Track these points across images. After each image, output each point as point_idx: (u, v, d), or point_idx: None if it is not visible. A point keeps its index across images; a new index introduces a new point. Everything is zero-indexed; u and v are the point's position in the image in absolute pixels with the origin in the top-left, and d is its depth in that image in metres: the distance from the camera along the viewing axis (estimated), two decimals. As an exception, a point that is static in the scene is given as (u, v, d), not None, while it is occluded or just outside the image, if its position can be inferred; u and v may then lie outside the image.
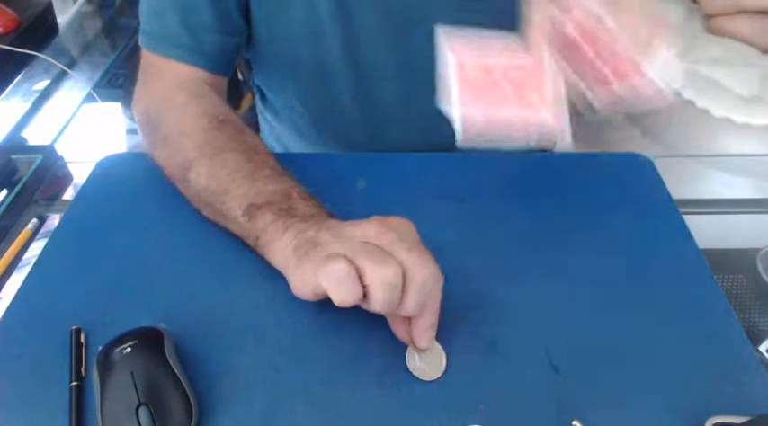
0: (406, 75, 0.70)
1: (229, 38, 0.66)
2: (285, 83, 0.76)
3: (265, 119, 0.88)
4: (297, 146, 0.84)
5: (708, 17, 0.57)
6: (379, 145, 0.78)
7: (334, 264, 0.39)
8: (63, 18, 1.30)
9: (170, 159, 0.58)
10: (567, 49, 0.40)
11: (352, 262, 0.39)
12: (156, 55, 0.64)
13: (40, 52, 1.15)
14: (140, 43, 0.65)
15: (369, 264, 0.39)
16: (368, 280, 0.39)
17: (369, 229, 0.43)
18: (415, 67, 0.69)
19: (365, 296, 0.40)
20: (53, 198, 0.73)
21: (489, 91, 0.38)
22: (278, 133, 0.86)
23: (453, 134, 0.78)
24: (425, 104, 0.74)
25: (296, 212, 0.49)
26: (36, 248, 0.64)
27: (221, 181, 0.52)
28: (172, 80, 0.63)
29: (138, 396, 0.40)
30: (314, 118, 0.78)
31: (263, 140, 0.59)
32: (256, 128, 0.95)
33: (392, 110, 0.74)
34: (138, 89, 0.65)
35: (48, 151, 0.81)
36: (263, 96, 0.86)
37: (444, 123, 0.76)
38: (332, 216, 0.50)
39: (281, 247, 0.47)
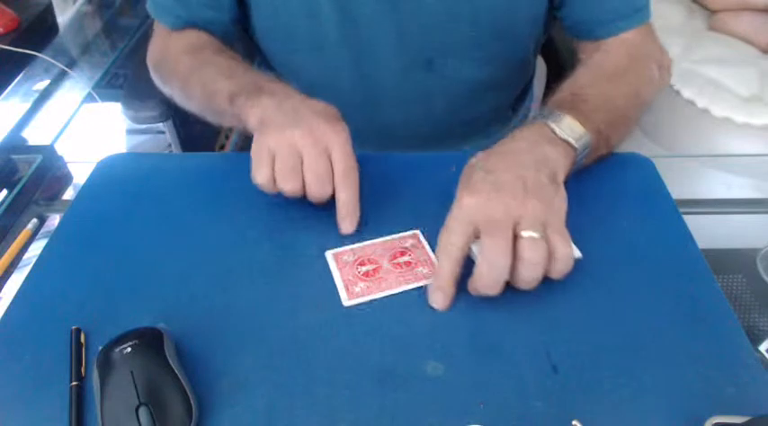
0: (403, 53, 0.71)
1: (221, 13, 0.72)
2: (284, 61, 0.77)
3: None
4: None
5: (711, 13, 0.58)
6: (375, 124, 0.79)
7: (257, 169, 0.54)
8: (63, 18, 1.30)
9: (174, 89, 0.71)
10: None
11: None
12: (157, 20, 0.75)
13: (40, 52, 1.15)
14: (147, 7, 0.75)
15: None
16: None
17: (303, 136, 0.53)
18: (412, 46, 0.70)
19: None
20: (53, 198, 0.73)
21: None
22: None
23: (446, 115, 0.78)
24: (421, 83, 0.74)
25: (264, 91, 0.58)
26: (36, 248, 0.63)
27: (209, 85, 0.64)
28: (168, 36, 0.74)
29: (138, 396, 0.40)
30: (311, 97, 0.79)
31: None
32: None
33: (388, 89, 0.75)
34: (149, 47, 0.77)
35: (48, 151, 0.81)
36: None
37: (438, 102, 0.77)
38: (295, 90, 0.59)
39: (251, 120, 0.57)
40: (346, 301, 0.50)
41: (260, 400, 0.43)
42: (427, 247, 0.54)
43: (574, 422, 0.41)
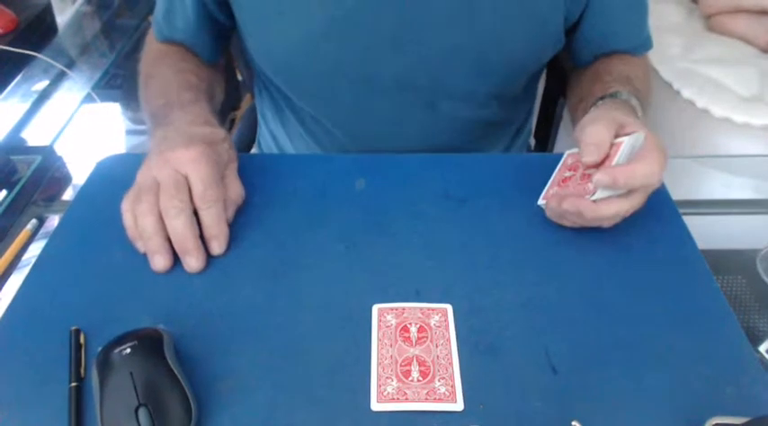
0: (405, 92, 0.69)
1: (199, 43, 0.73)
2: (282, 91, 0.76)
3: (264, 117, 0.88)
4: (290, 146, 0.84)
5: (707, 17, 0.59)
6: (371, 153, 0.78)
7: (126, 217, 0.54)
8: (62, 18, 1.30)
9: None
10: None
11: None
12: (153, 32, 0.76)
13: (39, 52, 1.15)
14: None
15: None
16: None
17: (158, 164, 0.54)
18: (414, 85, 0.69)
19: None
20: (53, 198, 0.73)
21: None
22: (273, 131, 0.86)
23: (445, 150, 0.77)
24: (422, 121, 0.73)
25: (166, 120, 0.59)
26: (36, 248, 0.63)
27: (144, 101, 0.67)
28: (152, 39, 0.76)
29: (137, 397, 0.40)
30: (308, 122, 0.78)
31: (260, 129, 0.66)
32: (255, 128, 0.94)
33: (387, 125, 0.74)
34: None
35: (47, 151, 0.81)
36: (262, 96, 0.86)
37: (438, 139, 0.76)
38: (194, 121, 0.59)
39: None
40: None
41: (259, 401, 0.43)
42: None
43: (574, 423, 0.41)
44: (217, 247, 0.54)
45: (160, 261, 0.52)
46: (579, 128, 0.54)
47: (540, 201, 0.58)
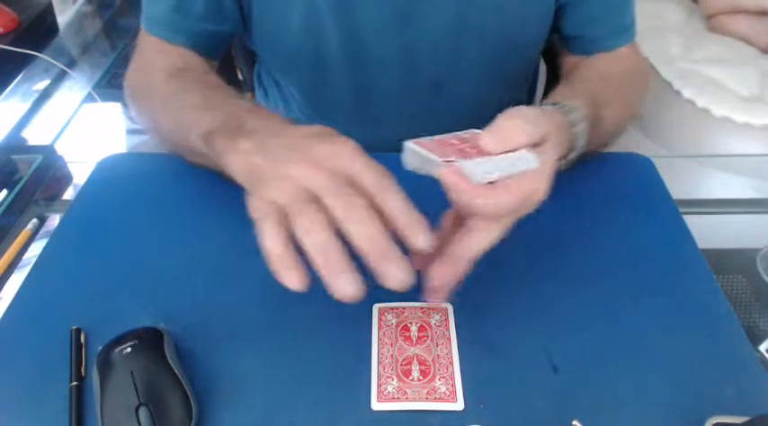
0: (408, 72, 0.70)
1: (220, 26, 0.69)
2: (285, 73, 0.76)
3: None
4: None
5: (707, 17, 0.58)
6: (371, 140, 0.78)
7: (265, 234, 0.40)
8: (63, 18, 1.30)
9: (144, 116, 0.64)
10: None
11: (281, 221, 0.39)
12: (150, 35, 0.68)
13: (40, 52, 1.15)
14: (141, 24, 0.69)
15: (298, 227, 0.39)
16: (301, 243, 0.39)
17: (304, 168, 0.41)
18: (418, 64, 0.69)
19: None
20: (53, 198, 0.73)
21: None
22: None
23: (448, 131, 0.78)
24: (425, 102, 0.74)
25: (243, 129, 0.47)
26: (36, 248, 0.63)
27: (181, 120, 0.55)
28: (156, 52, 0.68)
29: (138, 396, 0.40)
30: (312, 109, 0.78)
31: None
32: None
33: (391, 108, 0.74)
34: (130, 66, 0.69)
35: (48, 151, 0.81)
36: (264, 89, 0.86)
37: (441, 121, 0.76)
38: (281, 122, 0.48)
39: (234, 170, 0.46)
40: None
41: (260, 400, 0.43)
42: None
43: (574, 422, 0.41)
44: (423, 239, 0.40)
45: (348, 285, 0.38)
46: (508, 115, 0.47)
47: (408, 142, 0.47)
